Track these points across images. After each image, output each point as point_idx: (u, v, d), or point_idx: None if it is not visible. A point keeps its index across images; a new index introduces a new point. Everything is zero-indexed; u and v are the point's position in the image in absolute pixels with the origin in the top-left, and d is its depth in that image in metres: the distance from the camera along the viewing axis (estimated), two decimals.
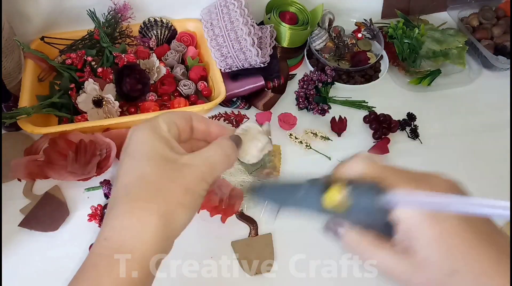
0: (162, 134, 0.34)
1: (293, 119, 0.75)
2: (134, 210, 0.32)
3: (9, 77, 0.69)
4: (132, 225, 0.31)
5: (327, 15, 0.89)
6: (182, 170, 0.33)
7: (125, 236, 0.31)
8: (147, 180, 0.32)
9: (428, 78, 0.84)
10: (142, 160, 0.33)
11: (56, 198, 0.63)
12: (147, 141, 0.34)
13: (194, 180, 0.33)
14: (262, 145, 0.42)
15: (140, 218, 0.31)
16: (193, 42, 0.83)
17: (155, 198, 0.32)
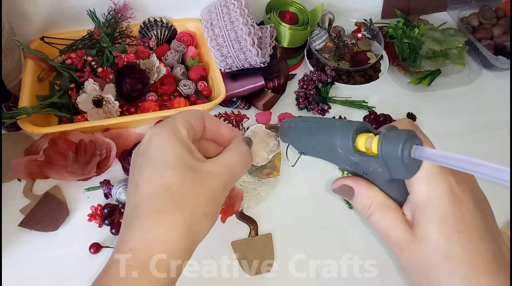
0: (183, 138, 0.34)
1: None
2: (161, 222, 0.31)
3: (9, 77, 0.69)
4: (159, 238, 0.31)
5: (327, 15, 0.89)
6: (205, 180, 0.33)
7: (154, 249, 0.31)
8: (172, 191, 0.32)
9: (428, 78, 0.84)
10: (165, 168, 0.32)
11: (56, 198, 0.63)
12: (168, 148, 0.33)
13: (217, 189, 0.33)
14: (270, 148, 0.42)
15: (167, 230, 0.31)
16: (193, 42, 0.83)
17: (181, 209, 0.32)
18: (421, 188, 0.30)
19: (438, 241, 0.29)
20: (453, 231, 0.29)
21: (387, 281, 0.58)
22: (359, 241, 0.62)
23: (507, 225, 0.64)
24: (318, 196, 0.66)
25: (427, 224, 0.29)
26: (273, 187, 0.66)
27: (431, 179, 0.30)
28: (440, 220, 0.29)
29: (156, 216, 0.31)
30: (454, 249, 0.28)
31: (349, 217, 0.64)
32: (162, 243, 0.31)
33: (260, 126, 0.44)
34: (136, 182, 0.33)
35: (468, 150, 0.75)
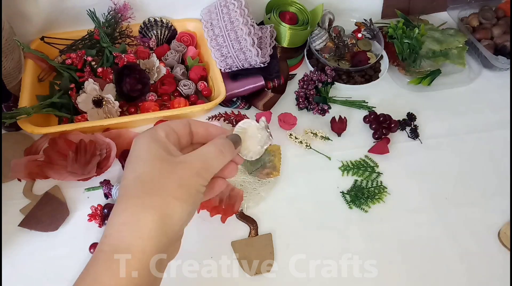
0: (159, 138, 0.36)
1: (293, 119, 0.75)
2: (130, 207, 0.33)
3: (9, 77, 0.69)
4: (129, 221, 0.32)
5: (327, 15, 0.89)
6: (176, 167, 0.35)
7: (123, 232, 0.32)
8: (142, 179, 0.34)
9: (428, 78, 0.84)
10: (138, 162, 0.35)
11: (56, 198, 0.63)
12: (143, 146, 0.36)
13: (188, 175, 0.35)
14: (263, 140, 0.43)
15: (135, 213, 0.33)
16: (193, 42, 0.83)
17: (150, 194, 0.33)
18: None
19: None
20: None
21: (387, 281, 0.58)
22: (359, 241, 0.62)
23: (507, 225, 0.64)
24: (318, 196, 0.66)
25: None
26: (273, 187, 0.66)
27: None
28: None
29: (126, 202, 0.33)
30: None
31: (349, 217, 0.65)
32: (131, 226, 0.32)
33: (249, 121, 0.44)
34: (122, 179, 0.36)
35: (468, 150, 0.75)
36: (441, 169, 0.72)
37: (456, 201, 0.68)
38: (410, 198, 0.68)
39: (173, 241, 0.35)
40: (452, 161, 0.73)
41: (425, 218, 0.65)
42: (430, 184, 0.70)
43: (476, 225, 0.65)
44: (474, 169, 0.72)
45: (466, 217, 0.66)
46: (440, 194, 0.68)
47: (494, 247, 0.63)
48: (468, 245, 0.62)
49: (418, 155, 0.74)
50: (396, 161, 0.72)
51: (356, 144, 0.74)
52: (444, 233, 0.63)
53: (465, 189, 0.69)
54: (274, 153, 0.68)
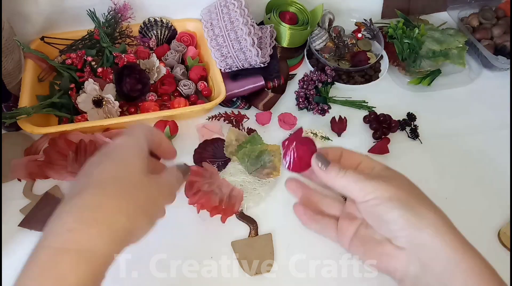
0: (143, 154, 0.39)
1: (293, 119, 0.75)
2: (105, 206, 0.34)
3: (9, 77, 0.69)
4: (103, 220, 0.33)
5: (327, 15, 0.89)
6: (150, 187, 0.38)
7: (93, 231, 0.32)
8: (121, 182, 0.36)
9: (428, 78, 0.84)
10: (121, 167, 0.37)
11: (56, 198, 0.63)
12: (130, 158, 0.38)
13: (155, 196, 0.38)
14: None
15: (111, 214, 0.34)
16: (193, 42, 0.83)
17: (127, 199, 0.35)
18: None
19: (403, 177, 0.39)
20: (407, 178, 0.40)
21: (387, 281, 0.58)
22: None
23: (507, 225, 0.64)
24: None
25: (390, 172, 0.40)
26: (273, 187, 0.66)
27: None
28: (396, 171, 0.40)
29: (104, 198, 0.34)
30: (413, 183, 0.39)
31: None
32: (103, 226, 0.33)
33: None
34: (88, 173, 0.37)
35: (468, 150, 0.75)
36: (441, 169, 0.72)
37: (456, 201, 0.68)
38: None
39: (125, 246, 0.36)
40: (452, 161, 0.73)
41: None
42: (430, 184, 0.69)
43: (476, 225, 0.65)
44: (474, 169, 0.72)
45: (466, 217, 0.65)
46: (440, 194, 0.68)
47: (494, 247, 0.63)
48: None
49: (418, 155, 0.74)
50: (396, 161, 0.72)
51: (356, 144, 0.74)
52: None
53: (465, 189, 0.69)
54: (274, 153, 0.68)
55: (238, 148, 0.68)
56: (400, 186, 0.37)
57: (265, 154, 0.67)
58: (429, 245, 0.35)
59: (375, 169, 0.40)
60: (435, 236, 0.35)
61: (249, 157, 0.66)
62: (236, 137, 0.69)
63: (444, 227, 0.35)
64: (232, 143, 0.68)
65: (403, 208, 0.36)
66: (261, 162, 0.67)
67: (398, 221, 0.36)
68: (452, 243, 0.35)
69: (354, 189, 0.38)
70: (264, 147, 0.68)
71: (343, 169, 0.39)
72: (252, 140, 0.69)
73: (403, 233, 0.36)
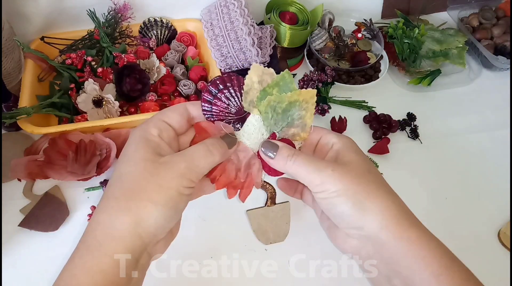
0: (149, 138, 0.36)
1: None
2: (106, 208, 0.34)
3: (9, 77, 0.69)
4: (103, 221, 0.33)
5: (327, 15, 0.89)
6: (158, 168, 0.34)
7: (97, 230, 0.33)
8: (123, 179, 0.34)
9: (428, 78, 0.84)
10: (124, 161, 0.35)
11: (56, 198, 0.63)
12: (132, 145, 0.36)
13: (170, 177, 0.34)
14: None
15: (110, 214, 0.33)
16: (193, 42, 0.83)
17: (127, 196, 0.33)
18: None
19: (359, 162, 0.38)
20: (365, 158, 0.40)
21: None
22: None
23: (507, 225, 0.64)
24: None
25: (348, 154, 0.39)
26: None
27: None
28: (355, 151, 0.39)
29: (105, 202, 0.34)
30: (371, 166, 0.39)
31: None
32: (104, 226, 0.33)
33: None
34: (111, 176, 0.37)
35: (468, 150, 0.75)
36: (441, 169, 0.72)
37: (456, 201, 0.68)
38: (410, 198, 0.67)
39: (151, 243, 0.35)
40: (452, 161, 0.73)
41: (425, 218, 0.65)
42: (430, 184, 0.70)
43: (476, 225, 0.65)
44: (474, 169, 0.72)
45: (466, 217, 0.66)
46: (440, 194, 0.68)
47: (494, 247, 0.63)
48: (468, 245, 0.62)
49: (418, 155, 0.74)
50: (396, 161, 0.72)
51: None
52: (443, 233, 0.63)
53: (465, 189, 0.69)
54: (307, 105, 0.43)
55: (261, 95, 0.43)
56: (350, 176, 0.37)
57: (296, 106, 0.43)
58: (374, 237, 0.36)
59: (333, 147, 0.40)
60: (380, 229, 0.36)
61: (274, 110, 0.42)
62: (260, 78, 0.43)
63: (392, 219, 0.36)
64: (254, 86, 0.42)
65: (349, 202, 0.36)
66: (288, 118, 0.44)
67: (343, 216, 0.37)
68: (399, 234, 0.36)
69: (304, 179, 0.38)
70: (296, 95, 0.42)
71: (293, 154, 0.38)
72: (282, 81, 0.43)
73: (350, 226, 0.37)
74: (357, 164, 0.38)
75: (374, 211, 0.36)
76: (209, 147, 0.37)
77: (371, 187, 0.37)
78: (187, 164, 0.35)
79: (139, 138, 0.36)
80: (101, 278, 0.32)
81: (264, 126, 0.43)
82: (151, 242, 0.35)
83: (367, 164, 0.39)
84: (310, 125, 0.44)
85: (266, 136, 0.43)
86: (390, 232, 0.36)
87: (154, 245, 0.36)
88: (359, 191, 0.36)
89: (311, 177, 0.37)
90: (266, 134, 0.43)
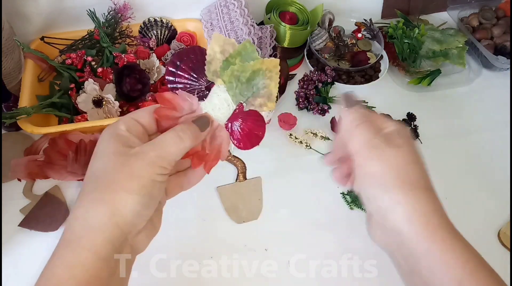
0: (118, 132, 0.36)
1: (293, 119, 0.75)
2: (83, 202, 0.34)
3: (9, 77, 0.69)
4: (80, 215, 0.33)
5: (327, 15, 0.89)
6: (129, 159, 0.34)
7: (75, 226, 0.33)
8: (96, 174, 0.34)
9: (428, 78, 0.84)
10: (96, 158, 0.35)
11: (56, 198, 0.63)
12: (103, 142, 0.36)
13: (140, 165, 0.34)
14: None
15: (87, 208, 0.33)
16: (193, 42, 0.83)
17: (101, 189, 0.33)
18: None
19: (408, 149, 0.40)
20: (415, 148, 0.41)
21: (387, 281, 0.58)
22: (359, 241, 0.62)
23: (507, 225, 0.64)
24: (319, 197, 0.66)
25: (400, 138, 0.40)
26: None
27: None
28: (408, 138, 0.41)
29: (81, 198, 0.34)
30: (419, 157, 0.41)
31: (349, 217, 0.65)
32: (82, 219, 0.33)
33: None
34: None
35: (468, 150, 0.75)
36: (441, 169, 0.72)
37: (456, 201, 0.67)
38: None
39: (131, 233, 0.35)
40: (452, 161, 0.73)
41: None
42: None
43: (476, 225, 0.65)
44: (474, 169, 0.72)
45: (466, 217, 0.66)
46: (440, 194, 0.68)
47: (494, 247, 0.63)
48: None
49: None
50: None
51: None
52: None
53: (465, 189, 0.69)
54: (270, 74, 0.44)
55: (224, 65, 0.42)
56: (391, 163, 0.37)
57: (260, 75, 0.45)
58: (397, 231, 0.36)
59: (384, 131, 0.40)
60: (404, 222, 0.36)
61: (238, 79, 0.42)
62: (222, 48, 0.42)
63: (420, 215, 0.36)
64: (216, 56, 0.42)
65: (380, 189, 0.36)
66: (253, 88, 0.45)
67: (371, 201, 0.37)
68: (423, 232, 0.35)
69: (353, 146, 0.39)
70: (258, 64, 0.43)
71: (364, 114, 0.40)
72: (244, 51, 0.43)
73: (377, 214, 0.38)
74: (405, 151, 0.38)
75: (404, 203, 0.36)
76: (179, 133, 0.36)
77: (411, 178, 0.37)
78: (158, 153, 0.35)
79: (109, 135, 0.36)
80: (82, 273, 0.32)
81: (229, 97, 0.43)
82: (130, 232, 0.35)
83: (415, 154, 0.39)
84: (275, 94, 0.45)
85: (232, 106, 0.42)
86: (415, 228, 0.35)
87: (135, 236, 0.36)
88: (394, 179, 0.36)
89: (359, 148, 0.38)
90: (232, 105, 0.42)
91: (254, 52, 0.43)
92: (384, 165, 0.37)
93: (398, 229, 0.36)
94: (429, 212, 0.36)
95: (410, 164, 0.38)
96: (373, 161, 0.37)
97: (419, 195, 0.36)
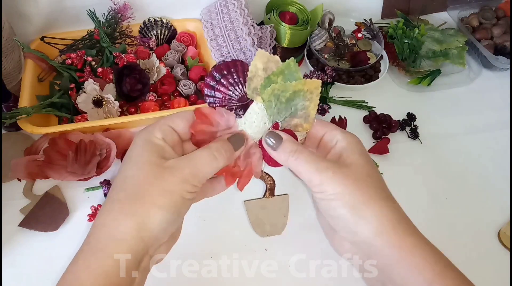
0: (154, 141, 0.36)
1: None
2: (110, 211, 0.34)
3: (9, 77, 0.69)
4: (107, 224, 0.33)
5: (327, 15, 0.89)
6: (163, 173, 0.34)
7: (101, 233, 0.33)
8: (128, 182, 0.34)
9: (428, 78, 0.84)
10: (129, 163, 0.35)
11: (56, 198, 0.63)
12: (137, 148, 0.36)
13: (173, 181, 0.34)
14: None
15: (114, 217, 0.33)
16: (193, 42, 0.83)
17: (131, 200, 0.33)
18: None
19: (361, 164, 0.38)
20: (369, 160, 0.39)
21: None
22: None
23: (507, 225, 0.64)
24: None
25: (351, 155, 0.38)
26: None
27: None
28: (359, 152, 0.39)
29: (109, 204, 0.34)
30: (373, 169, 0.38)
31: None
32: (108, 229, 0.33)
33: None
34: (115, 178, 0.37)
35: (468, 150, 0.75)
36: (441, 169, 0.72)
37: (456, 201, 0.68)
38: (410, 198, 0.67)
39: (153, 246, 0.35)
40: (452, 161, 0.73)
41: (425, 218, 0.65)
42: (430, 184, 0.70)
43: (476, 225, 0.65)
44: (474, 169, 0.72)
45: (466, 217, 0.66)
46: (440, 194, 0.68)
47: (494, 247, 0.63)
48: (468, 245, 0.62)
49: (418, 155, 0.74)
50: (396, 161, 0.72)
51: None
52: (443, 233, 0.63)
53: (465, 189, 0.69)
54: (311, 96, 0.42)
55: (265, 83, 0.41)
56: (351, 179, 0.36)
57: (300, 96, 0.42)
58: (368, 243, 0.36)
59: (337, 145, 0.40)
60: (374, 235, 0.35)
61: (278, 99, 0.41)
62: (265, 65, 0.41)
63: (387, 226, 0.36)
64: (258, 73, 0.41)
65: (346, 207, 0.36)
66: (291, 108, 0.43)
67: (340, 219, 0.37)
68: (393, 242, 0.35)
69: (303, 176, 0.37)
70: (300, 85, 0.41)
71: (295, 150, 0.37)
72: (287, 69, 0.42)
73: (345, 230, 0.37)
74: (358, 167, 0.37)
75: (370, 217, 0.36)
76: (214, 152, 0.37)
77: (370, 192, 0.36)
78: (191, 170, 0.35)
79: (144, 141, 0.36)
80: (104, 280, 0.32)
81: (266, 115, 0.42)
82: (153, 246, 0.35)
83: (369, 167, 0.38)
84: (313, 116, 0.43)
85: (268, 125, 0.42)
86: (384, 239, 0.35)
87: (156, 248, 0.36)
88: (357, 196, 0.36)
89: (311, 177, 0.37)
90: (268, 123, 0.42)
91: (297, 71, 0.41)
92: (343, 186, 0.36)
93: (369, 243, 0.36)
94: (395, 221, 0.36)
95: (368, 178, 0.37)
96: (328, 185, 0.36)
97: (383, 207, 0.36)
